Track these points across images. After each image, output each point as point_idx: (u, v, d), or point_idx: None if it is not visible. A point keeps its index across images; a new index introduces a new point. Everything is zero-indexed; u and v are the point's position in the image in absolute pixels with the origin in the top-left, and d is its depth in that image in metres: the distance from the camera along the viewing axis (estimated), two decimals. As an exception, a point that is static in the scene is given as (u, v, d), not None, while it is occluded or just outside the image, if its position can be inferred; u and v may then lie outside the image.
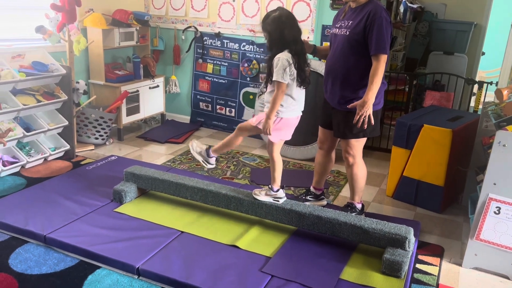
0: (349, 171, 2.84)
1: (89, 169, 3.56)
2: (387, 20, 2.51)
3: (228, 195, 2.80)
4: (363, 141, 2.79)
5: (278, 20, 2.46)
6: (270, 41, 2.51)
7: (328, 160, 3.03)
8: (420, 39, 6.02)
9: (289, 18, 2.48)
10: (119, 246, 2.47)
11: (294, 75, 2.50)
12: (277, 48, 2.49)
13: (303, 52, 2.55)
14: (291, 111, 2.60)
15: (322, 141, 2.99)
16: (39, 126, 3.61)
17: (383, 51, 2.49)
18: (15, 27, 3.80)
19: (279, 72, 2.43)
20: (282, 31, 2.45)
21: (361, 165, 2.83)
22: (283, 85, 2.46)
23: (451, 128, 3.03)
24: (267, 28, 2.50)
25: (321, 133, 2.98)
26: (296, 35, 2.48)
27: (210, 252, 2.49)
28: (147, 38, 4.75)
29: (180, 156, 4.06)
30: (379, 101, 2.71)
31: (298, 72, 2.50)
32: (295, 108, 2.61)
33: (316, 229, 2.60)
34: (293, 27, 2.47)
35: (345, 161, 2.85)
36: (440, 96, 4.32)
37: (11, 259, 2.38)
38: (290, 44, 2.46)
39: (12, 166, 3.40)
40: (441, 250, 2.70)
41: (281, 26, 2.45)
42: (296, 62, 2.47)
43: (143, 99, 4.62)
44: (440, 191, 3.14)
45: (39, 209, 2.83)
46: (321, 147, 3.01)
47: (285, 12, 2.51)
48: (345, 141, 2.78)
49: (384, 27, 2.49)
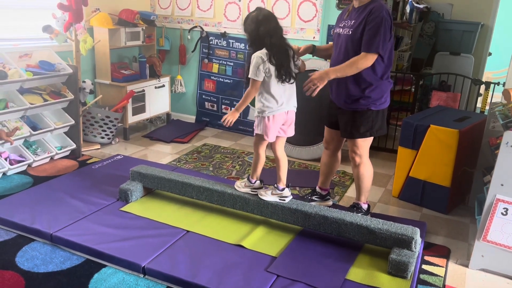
0: (356, 171, 2.84)
1: (95, 168, 3.57)
2: (387, 20, 2.50)
3: (233, 194, 2.80)
4: (369, 140, 2.78)
5: (256, 19, 2.52)
6: (250, 41, 2.57)
7: (334, 160, 3.02)
8: (426, 39, 6.00)
9: (266, 17, 2.52)
10: (125, 245, 2.48)
11: (271, 72, 2.52)
12: (256, 47, 2.54)
13: (284, 48, 2.55)
14: (276, 110, 2.61)
15: (328, 142, 2.99)
16: (46, 125, 3.63)
17: (372, 50, 2.49)
18: (23, 27, 3.82)
19: (253, 70, 2.51)
20: (258, 28, 2.50)
21: (367, 165, 2.83)
22: (256, 82, 2.53)
23: (458, 129, 3.01)
24: (247, 29, 2.56)
25: (327, 133, 2.98)
26: (271, 31, 2.50)
27: (215, 251, 2.49)
28: (153, 37, 4.76)
29: (185, 155, 4.06)
30: (385, 100, 2.71)
31: (278, 68, 2.51)
32: (279, 107, 2.61)
33: (322, 229, 2.60)
34: (270, 24, 2.51)
35: (351, 161, 2.84)
36: (447, 96, 4.30)
37: (18, 257, 2.39)
38: (265, 39, 2.49)
39: (19, 165, 3.41)
40: (447, 251, 2.69)
41: (258, 24, 2.50)
42: (274, 58, 2.49)
43: (149, 98, 4.63)
44: (447, 192, 3.12)
45: (45, 208, 2.84)
46: (327, 147, 3.01)
47: (263, 11, 2.55)
48: (351, 141, 2.77)
49: (381, 27, 2.48)
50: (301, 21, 4.27)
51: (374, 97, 2.65)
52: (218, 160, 3.96)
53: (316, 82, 2.54)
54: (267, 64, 2.50)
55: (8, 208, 2.82)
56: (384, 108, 2.72)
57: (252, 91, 2.57)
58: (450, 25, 5.66)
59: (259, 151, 2.75)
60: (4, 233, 2.62)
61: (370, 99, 2.65)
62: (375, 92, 2.64)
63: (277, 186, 2.73)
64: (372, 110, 2.67)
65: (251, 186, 2.79)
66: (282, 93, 2.61)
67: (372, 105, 2.66)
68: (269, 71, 2.52)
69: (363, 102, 2.66)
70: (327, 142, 3.00)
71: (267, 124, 2.62)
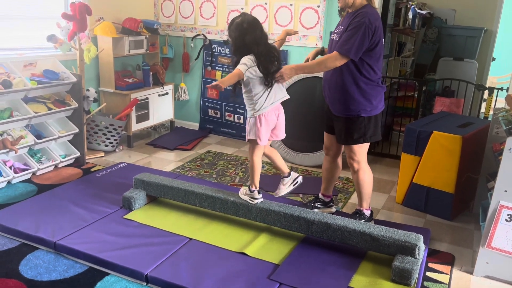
0: (355, 177, 2.84)
1: (98, 176, 3.58)
2: (368, 27, 2.50)
3: (236, 202, 2.80)
4: (365, 146, 2.79)
5: (240, 26, 2.53)
6: (234, 48, 2.59)
7: (334, 166, 3.02)
8: (429, 45, 6.01)
9: (250, 24, 2.53)
10: (127, 253, 2.48)
11: (257, 75, 2.55)
12: (242, 53, 2.55)
13: (269, 55, 2.57)
14: (267, 106, 2.63)
15: (328, 147, 2.99)
16: (50, 134, 3.65)
17: (343, 52, 2.50)
18: (27, 36, 3.86)
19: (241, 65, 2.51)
20: (244, 37, 2.51)
21: (366, 171, 2.83)
22: (239, 72, 2.49)
23: (461, 135, 3.00)
24: (231, 35, 2.58)
25: (326, 138, 2.99)
26: (257, 38, 2.53)
27: (218, 259, 2.48)
28: (156, 46, 4.79)
29: (189, 162, 4.07)
30: (377, 106, 2.71)
31: (265, 75, 2.54)
32: (269, 104, 2.64)
33: (325, 236, 2.59)
34: (255, 32, 2.52)
35: (350, 167, 2.85)
36: (450, 102, 4.29)
37: (21, 265, 2.40)
38: (252, 48, 2.52)
39: (24, 173, 3.44)
40: (451, 258, 2.67)
41: (243, 32, 2.52)
42: (261, 66, 2.52)
43: (152, 106, 4.65)
44: (451, 198, 3.11)
45: (49, 216, 2.86)
46: (327, 153, 3.01)
47: (247, 18, 2.56)
48: (348, 147, 2.78)
49: (359, 32, 2.49)
50: (304, 28, 4.28)
51: (364, 103, 2.66)
52: (221, 167, 3.97)
53: (283, 76, 2.59)
54: (255, 68, 2.53)
55: (13, 216, 2.83)
56: (376, 114, 2.72)
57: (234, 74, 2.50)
58: (453, 31, 5.66)
59: (254, 158, 2.75)
60: (8, 242, 2.63)
61: (360, 105, 2.66)
62: (365, 98, 2.65)
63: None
64: (363, 117, 2.68)
65: (250, 195, 2.79)
66: (268, 92, 2.63)
67: (363, 112, 2.67)
68: (255, 74, 2.54)
69: (353, 109, 2.67)
70: (326, 148, 3.00)
71: (258, 127, 2.63)
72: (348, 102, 2.66)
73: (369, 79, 2.63)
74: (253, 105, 2.62)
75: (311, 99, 4.04)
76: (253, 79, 2.57)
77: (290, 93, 4.07)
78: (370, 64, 2.60)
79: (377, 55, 2.62)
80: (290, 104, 4.14)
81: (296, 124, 4.05)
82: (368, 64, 2.60)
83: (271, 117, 2.66)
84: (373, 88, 2.66)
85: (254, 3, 4.45)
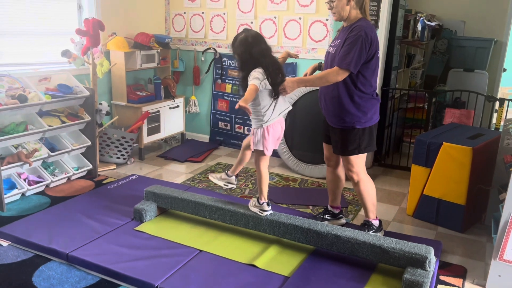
0: (357, 189, 2.86)
1: (110, 188, 3.63)
2: (365, 40, 2.54)
3: (246, 214, 2.82)
4: (362, 157, 2.81)
5: (245, 41, 2.57)
6: (241, 62, 2.62)
7: (337, 177, 3.04)
8: (439, 56, 6.00)
9: (255, 38, 2.58)
10: (139, 264, 2.50)
11: (268, 87, 2.59)
12: (249, 68, 2.58)
13: (275, 67, 2.61)
14: (274, 118, 2.67)
15: (328, 158, 3.02)
16: (63, 147, 3.72)
17: (343, 66, 2.54)
18: (42, 52, 3.95)
19: (250, 78, 2.54)
20: (250, 51, 2.55)
21: (367, 181, 2.84)
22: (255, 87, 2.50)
23: (471, 146, 2.99)
24: (237, 51, 2.61)
25: (325, 149, 3.02)
26: (263, 50, 2.57)
27: (228, 271, 2.49)
28: (167, 60, 4.87)
29: (199, 174, 4.11)
30: (371, 117, 2.73)
31: (273, 84, 2.58)
32: (276, 116, 2.68)
33: (335, 249, 2.59)
34: (260, 45, 2.57)
35: (350, 179, 2.86)
36: (460, 113, 4.27)
37: (34, 276, 2.44)
38: (260, 60, 2.55)
39: (37, 186, 3.50)
40: (463, 271, 2.64)
41: (249, 46, 2.55)
42: (269, 76, 2.56)
43: (163, 119, 4.71)
44: (462, 210, 3.09)
45: (62, 228, 2.90)
46: (328, 164, 3.04)
47: (251, 32, 2.61)
48: (345, 159, 2.81)
49: (356, 45, 2.53)
50: (312, 41, 4.32)
51: (358, 115, 2.69)
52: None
53: (286, 88, 2.63)
54: (265, 81, 2.56)
55: (26, 228, 2.88)
56: (370, 125, 2.74)
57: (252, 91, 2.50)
58: (463, 42, 5.66)
59: (261, 168, 2.79)
60: (22, 253, 2.68)
61: (354, 117, 2.69)
62: (360, 110, 2.68)
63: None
64: (358, 128, 2.71)
65: (260, 207, 2.81)
66: (274, 104, 2.67)
67: (357, 123, 2.70)
68: (267, 87, 2.59)
69: (348, 120, 2.70)
70: (327, 158, 3.03)
71: (266, 138, 2.67)
72: (342, 114, 2.70)
73: (363, 92, 2.67)
74: (261, 117, 2.65)
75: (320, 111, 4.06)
76: (262, 92, 2.60)
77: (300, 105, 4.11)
78: (365, 76, 2.64)
79: (373, 67, 2.66)
80: (300, 116, 4.18)
81: (306, 135, 4.06)
82: (363, 76, 2.64)
83: (276, 129, 2.71)
84: (367, 101, 2.69)
85: (264, 17, 4.51)
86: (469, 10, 5.85)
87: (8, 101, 3.19)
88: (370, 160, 4.43)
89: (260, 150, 2.72)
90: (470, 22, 5.87)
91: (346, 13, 2.65)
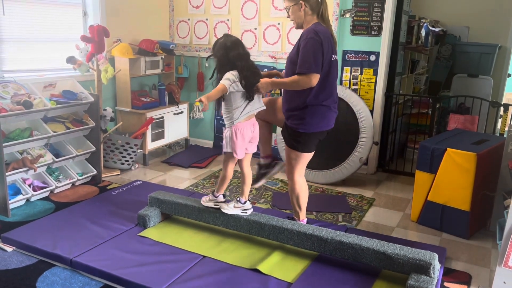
0: (289, 187, 2.92)
1: (114, 194, 3.64)
2: (316, 40, 2.57)
3: (249, 219, 2.81)
4: (303, 159, 2.82)
5: (224, 45, 2.65)
6: (220, 65, 2.70)
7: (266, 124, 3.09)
8: (443, 62, 6.00)
9: (233, 43, 2.66)
10: (142, 270, 2.50)
11: (241, 89, 2.65)
12: (226, 70, 2.66)
13: (251, 71, 2.67)
14: (241, 117, 2.70)
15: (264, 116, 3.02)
16: (68, 152, 3.74)
17: (306, 71, 2.58)
18: (47, 58, 3.99)
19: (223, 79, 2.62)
20: (228, 54, 2.63)
21: (300, 183, 2.88)
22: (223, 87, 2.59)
23: (476, 152, 2.98)
24: (217, 54, 2.70)
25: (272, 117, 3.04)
26: (241, 55, 2.65)
27: (231, 277, 2.49)
28: (172, 66, 4.89)
29: (203, 180, 4.11)
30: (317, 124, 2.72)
31: (246, 86, 2.64)
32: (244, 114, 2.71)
33: (338, 255, 2.58)
34: (238, 49, 2.65)
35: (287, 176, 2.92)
36: (464, 119, 4.26)
37: (38, 282, 2.44)
38: (236, 64, 2.63)
39: (42, 191, 3.51)
40: (468, 278, 2.63)
41: (227, 50, 2.64)
42: (243, 78, 2.62)
43: (167, 125, 4.73)
44: (466, 216, 3.07)
45: (66, 233, 2.91)
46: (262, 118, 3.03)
47: (230, 38, 2.70)
48: (287, 155, 2.86)
49: (309, 47, 2.57)
50: (316, 47, 4.33)
51: (301, 118, 2.71)
52: (235, 185, 3.99)
53: (260, 89, 2.71)
54: (237, 84, 2.62)
55: (31, 233, 2.89)
56: (314, 132, 2.74)
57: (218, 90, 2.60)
58: (467, 48, 5.65)
59: (227, 169, 2.86)
60: (26, 258, 2.68)
61: (297, 120, 2.72)
62: (305, 114, 2.69)
63: (240, 200, 2.84)
64: (300, 132, 2.73)
65: (215, 200, 2.90)
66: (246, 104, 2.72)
67: (301, 128, 2.71)
68: (238, 88, 2.64)
69: (291, 121, 2.75)
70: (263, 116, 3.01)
71: (235, 141, 2.71)
72: (294, 111, 2.73)
73: (311, 96, 2.66)
74: (231, 115, 2.70)
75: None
76: (235, 94, 2.67)
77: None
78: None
79: (325, 71, 2.65)
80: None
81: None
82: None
83: (247, 132, 2.74)
84: (315, 107, 2.69)
85: (267, 23, 4.53)
86: (473, 16, 5.86)
87: (13, 107, 3.22)
88: (374, 166, 4.43)
89: (229, 152, 2.76)
90: (474, 28, 5.87)
91: (301, 19, 2.71)
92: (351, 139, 4.01)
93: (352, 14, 4.15)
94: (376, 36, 4.12)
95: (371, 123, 3.97)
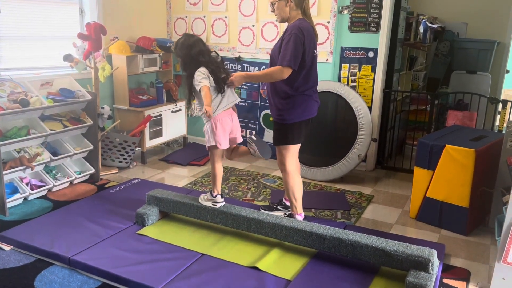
0: (284, 180, 2.97)
1: (112, 192, 3.63)
2: (300, 38, 2.67)
3: (248, 217, 2.81)
4: (292, 150, 2.90)
5: (186, 44, 2.76)
6: (184, 63, 2.79)
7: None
8: (441, 59, 5.99)
9: (194, 41, 2.77)
10: (140, 268, 2.50)
11: (213, 84, 2.74)
12: (191, 67, 2.75)
13: (215, 65, 2.78)
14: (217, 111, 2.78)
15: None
16: (66, 151, 3.72)
17: (284, 64, 2.68)
18: (44, 56, 3.97)
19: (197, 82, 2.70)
20: (190, 52, 2.73)
21: (293, 175, 2.93)
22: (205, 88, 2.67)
23: (474, 148, 2.98)
24: (179, 54, 2.80)
25: None
26: (202, 51, 2.75)
27: (230, 274, 2.49)
28: (169, 63, 4.87)
29: (201, 178, 4.10)
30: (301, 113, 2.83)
31: (216, 82, 2.75)
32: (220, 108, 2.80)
33: (337, 252, 2.57)
34: (199, 46, 2.75)
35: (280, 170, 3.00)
36: (463, 115, 4.26)
37: (36, 281, 2.43)
38: (199, 60, 2.73)
39: (40, 190, 3.50)
40: (467, 274, 2.62)
41: (189, 48, 2.74)
42: (211, 73, 2.73)
43: (165, 122, 4.71)
44: (465, 212, 3.07)
45: (64, 232, 2.90)
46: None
47: (190, 37, 2.80)
48: (278, 150, 2.93)
49: (291, 43, 2.66)
50: (314, 44, 4.32)
51: (286, 109, 2.81)
52: (234, 182, 3.99)
53: (234, 82, 2.82)
54: (210, 79, 2.72)
55: (28, 232, 2.88)
56: (298, 121, 2.83)
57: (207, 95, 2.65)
58: (465, 44, 5.65)
59: (215, 165, 2.91)
60: (24, 257, 2.67)
61: (282, 111, 2.83)
62: (288, 105, 2.81)
63: (212, 192, 2.95)
64: (286, 124, 2.83)
65: (213, 200, 2.93)
66: (221, 97, 2.80)
67: (285, 118, 2.82)
68: (212, 83, 2.73)
69: (276, 113, 2.86)
70: None
71: (215, 131, 2.77)
72: (281, 106, 2.83)
73: (295, 86, 2.77)
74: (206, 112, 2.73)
75: (322, 115, 4.05)
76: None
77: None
78: (299, 73, 2.74)
79: (307, 64, 2.76)
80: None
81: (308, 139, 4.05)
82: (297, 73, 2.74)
83: (226, 121, 2.80)
84: (297, 96, 2.80)
85: (265, 20, 4.52)
86: (471, 12, 5.85)
87: (10, 105, 3.20)
88: (372, 163, 4.42)
89: (213, 145, 2.80)
90: (472, 24, 5.86)
91: (286, 14, 2.80)
92: (349, 136, 4.01)
93: (350, 11, 4.14)
94: (374, 33, 4.11)
95: (369, 120, 3.96)
